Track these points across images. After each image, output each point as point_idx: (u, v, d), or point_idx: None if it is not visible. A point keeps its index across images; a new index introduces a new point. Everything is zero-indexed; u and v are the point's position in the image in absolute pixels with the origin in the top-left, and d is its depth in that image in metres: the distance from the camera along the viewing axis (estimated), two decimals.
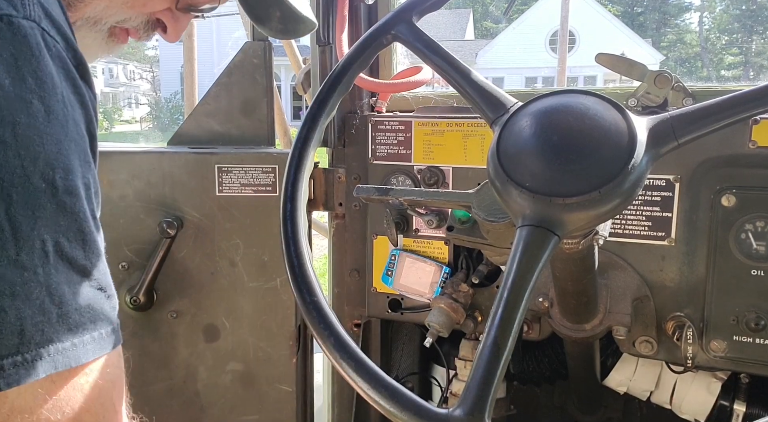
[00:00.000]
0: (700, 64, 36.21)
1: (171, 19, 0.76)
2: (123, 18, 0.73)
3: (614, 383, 1.19)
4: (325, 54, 1.28)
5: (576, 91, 0.62)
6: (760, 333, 0.97)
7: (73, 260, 0.49)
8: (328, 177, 1.31)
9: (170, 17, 0.76)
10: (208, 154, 1.26)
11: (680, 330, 1.00)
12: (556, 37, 21.54)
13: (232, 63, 1.29)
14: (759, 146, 0.97)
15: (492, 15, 39.96)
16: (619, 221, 1.05)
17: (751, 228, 0.97)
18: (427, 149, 1.21)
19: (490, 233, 0.79)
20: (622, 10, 36.47)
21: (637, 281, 1.05)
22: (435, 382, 1.36)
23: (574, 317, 1.04)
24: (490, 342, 0.52)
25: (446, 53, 0.71)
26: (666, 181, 1.02)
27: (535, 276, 0.54)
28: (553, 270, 0.88)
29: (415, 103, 1.33)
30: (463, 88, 0.69)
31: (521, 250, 0.55)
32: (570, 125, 0.58)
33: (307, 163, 0.70)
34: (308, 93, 1.41)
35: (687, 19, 38.55)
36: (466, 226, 0.85)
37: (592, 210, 0.55)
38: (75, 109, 0.50)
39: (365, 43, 0.74)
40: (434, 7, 0.75)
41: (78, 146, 0.50)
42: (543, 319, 1.11)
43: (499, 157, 0.59)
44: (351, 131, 1.27)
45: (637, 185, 0.56)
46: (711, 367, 1.05)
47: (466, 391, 0.51)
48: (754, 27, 35.26)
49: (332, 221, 1.33)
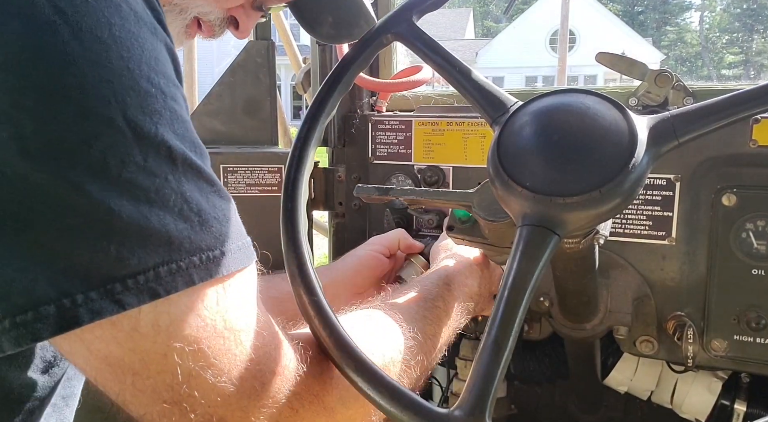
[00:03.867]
0: (700, 63, 36.21)
1: (244, 15, 0.77)
2: (206, 11, 0.73)
3: (615, 382, 1.19)
4: (325, 53, 1.28)
5: (576, 90, 0.62)
6: (760, 332, 0.97)
7: (199, 169, 0.47)
8: (328, 176, 1.31)
9: (243, 14, 0.77)
10: (213, 153, 1.25)
11: (681, 330, 1.00)
12: (556, 37, 21.53)
13: (236, 62, 1.29)
14: (759, 145, 0.97)
15: (492, 14, 39.98)
16: (620, 220, 1.05)
17: (752, 227, 0.97)
18: (427, 149, 1.21)
19: (490, 232, 0.79)
20: (622, 9, 36.47)
21: (638, 280, 1.05)
22: (435, 382, 1.36)
23: (574, 316, 1.04)
24: (490, 341, 0.52)
25: (446, 53, 0.71)
26: (666, 180, 1.02)
27: (536, 276, 0.54)
28: (554, 270, 0.88)
29: (415, 103, 1.33)
30: (464, 87, 0.69)
31: (522, 250, 0.55)
32: (570, 124, 0.58)
33: (307, 162, 0.70)
34: (308, 92, 1.41)
35: (687, 18, 38.56)
36: (466, 226, 0.85)
37: (592, 209, 0.55)
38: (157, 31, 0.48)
39: (365, 42, 0.74)
40: (434, 7, 0.74)
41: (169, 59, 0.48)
42: (543, 319, 1.11)
43: (500, 156, 0.59)
44: (351, 131, 1.27)
45: (637, 184, 0.56)
46: (712, 367, 1.05)
47: (466, 391, 0.51)
48: (755, 26, 35.26)
49: (332, 220, 1.33)
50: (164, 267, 0.43)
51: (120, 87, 0.42)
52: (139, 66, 0.43)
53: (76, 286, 0.41)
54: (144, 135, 0.43)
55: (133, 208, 0.42)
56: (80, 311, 0.41)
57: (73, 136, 0.41)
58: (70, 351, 0.45)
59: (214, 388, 0.47)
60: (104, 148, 0.41)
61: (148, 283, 0.43)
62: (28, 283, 0.41)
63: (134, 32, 0.44)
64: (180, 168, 0.45)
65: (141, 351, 0.44)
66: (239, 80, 1.29)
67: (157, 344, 0.44)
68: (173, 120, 0.45)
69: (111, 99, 0.42)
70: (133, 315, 0.43)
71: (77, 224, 0.41)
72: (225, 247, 0.47)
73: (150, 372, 0.45)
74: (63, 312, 0.41)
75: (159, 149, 0.44)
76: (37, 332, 0.41)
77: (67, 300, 0.41)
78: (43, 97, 0.40)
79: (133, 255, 0.42)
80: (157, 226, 0.43)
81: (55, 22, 0.40)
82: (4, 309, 0.41)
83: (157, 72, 0.45)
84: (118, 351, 0.44)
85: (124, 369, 0.45)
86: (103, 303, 0.42)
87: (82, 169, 0.41)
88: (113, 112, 0.42)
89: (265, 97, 1.29)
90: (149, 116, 0.44)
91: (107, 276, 0.42)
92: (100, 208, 0.41)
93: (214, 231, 0.47)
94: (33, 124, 0.40)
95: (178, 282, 0.44)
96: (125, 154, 0.42)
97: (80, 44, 0.41)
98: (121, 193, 0.42)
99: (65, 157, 0.40)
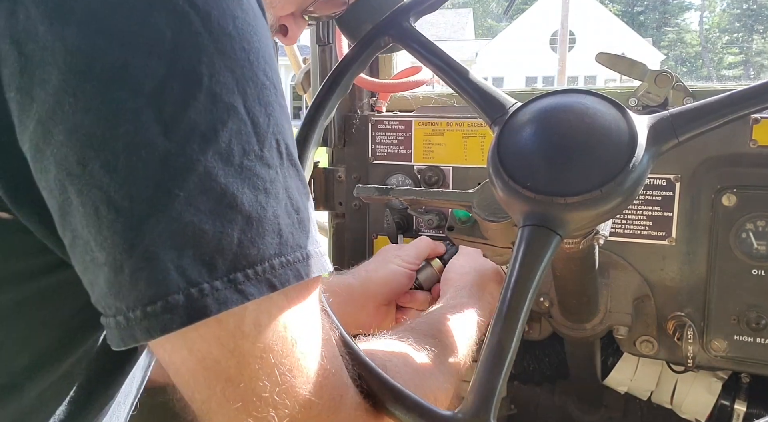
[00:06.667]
0: (700, 63, 36.22)
1: (293, 23, 0.78)
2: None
3: (615, 383, 1.19)
4: (324, 54, 1.28)
5: (576, 90, 0.62)
6: (760, 332, 0.97)
7: (298, 167, 0.48)
8: (328, 176, 1.31)
9: (293, 22, 0.78)
10: None
11: (681, 330, 1.00)
12: (556, 37, 21.53)
13: None
14: (760, 145, 0.97)
15: (492, 13, 39.97)
16: (620, 221, 1.05)
17: (752, 227, 0.97)
18: (427, 149, 1.21)
19: (490, 233, 0.79)
20: (622, 9, 36.49)
21: (638, 280, 1.05)
22: None
23: (574, 316, 1.04)
24: (494, 343, 0.52)
25: (444, 54, 0.71)
26: (666, 180, 1.02)
27: (538, 276, 0.54)
28: (554, 270, 0.88)
29: (415, 103, 1.33)
30: (462, 88, 0.69)
31: (523, 250, 0.55)
32: (570, 124, 0.58)
33: (307, 162, 0.70)
34: (308, 93, 1.41)
35: (687, 19, 38.58)
36: (466, 226, 0.85)
37: (593, 209, 0.55)
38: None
39: (363, 44, 0.74)
40: (431, 9, 0.75)
41: (274, 56, 0.49)
42: (543, 319, 1.11)
43: (500, 156, 0.59)
44: (351, 131, 1.27)
45: (638, 184, 0.56)
46: (712, 367, 1.05)
47: (470, 393, 0.51)
48: (755, 26, 35.28)
49: (332, 220, 1.33)
50: (277, 259, 0.43)
51: (241, 77, 0.43)
52: (257, 58, 0.44)
53: (203, 275, 0.41)
54: (260, 125, 0.44)
55: (252, 197, 0.43)
56: (208, 301, 0.41)
57: (205, 122, 0.41)
58: (170, 350, 0.44)
59: (299, 397, 0.46)
60: (230, 135, 0.42)
61: (266, 274, 0.43)
62: (155, 272, 0.40)
63: (253, 26, 0.45)
64: (285, 163, 0.46)
65: (239, 354, 0.43)
66: None
67: (256, 346, 0.44)
68: (282, 114, 0.46)
69: (234, 88, 0.43)
70: (240, 314, 0.43)
71: (208, 209, 0.41)
72: (316, 248, 0.47)
73: (243, 378, 0.44)
74: (192, 302, 0.40)
75: (271, 142, 0.45)
76: (167, 323, 0.40)
77: (194, 289, 0.40)
78: (184, 84, 0.41)
79: (253, 245, 0.42)
80: (272, 217, 0.43)
81: (189, 13, 0.41)
82: (135, 298, 0.40)
83: (271, 66, 0.46)
84: (218, 353, 0.43)
85: (219, 375, 0.44)
86: (228, 293, 0.41)
87: (213, 153, 0.41)
88: (236, 100, 0.43)
89: None
90: (264, 107, 0.44)
91: (231, 265, 0.41)
92: (227, 194, 0.41)
93: (308, 231, 0.47)
94: (173, 108, 0.40)
95: (290, 276, 0.44)
96: (246, 142, 0.43)
97: (210, 35, 0.42)
98: (243, 181, 0.42)
99: (198, 142, 0.41)
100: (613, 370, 1.18)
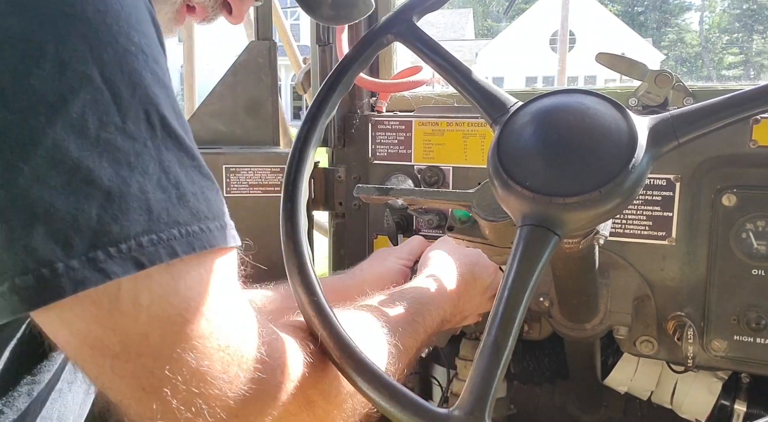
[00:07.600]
0: (700, 63, 36.22)
1: (237, 0, 0.75)
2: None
3: (615, 383, 1.19)
4: (325, 54, 1.28)
5: (576, 90, 0.62)
6: (760, 332, 0.97)
7: (180, 139, 0.45)
8: (328, 176, 1.31)
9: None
10: (215, 154, 1.25)
11: (681, 330, 1.00)
12: (556, 37, 21.53)
13: (237, 62, 1.29)
14: (760, 145, 0.97)
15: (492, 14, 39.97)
16: (620, 221, 1.05)
17: (752, 227, 0.97)
18: (427, 149, 1.21)
19: (490, 232, 0.79)
20: (622, 10, 36.49)
21: (638, 280, 1.05)
22: (435, 382, 1.36)
23: (574, 316, 1.04)
24: (490, 341, 0.52)
25: (446, 53, 0.71)
26: (666, 180, 1.02)
27: (536, 276, 0.54)
28: (554, 270, 0.88)
29: (415, 103, 1.33)
30: (464, 87, 0.69)
31: (522, 250, 0.55)
32: (570, 124, 0.58)
33: (307, 162, 0.70)
34: (308, 93, 1.41)
35: (687, 19, 38.58)
36: (466, 226, 0.85)
37: (592, 209, 0.55)
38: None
39: (365, 42, 0.74)
40: (434, 7, 0.74)
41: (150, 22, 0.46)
42: (543, 319, 1.11)
43: (500, 156, 0.59)
44: (351, 131, 1.27)
45: (637, 184, 0.56)
46: (712, 367, 1.05)
47: (466, 391, 0.51)
48: (755, 26, 35.27)
49: (332, 220, 1.33)
50: (146, 237, 0.41)
51: (96, 42, 0.40)
52: (116, 21, 0.41)
53: (57, 254, 0.38)
54: (121, 95, 0.41)
55: (113, 172, 0.40)
56: (62, 281, 0.38)
57: (52, 91, 0.39)
58: (51, 330, 0.43)
59: (196, 372, 0.45)
60: (83, 105, 0.39)
61: (131, 252, 0.40)
62: (2, 251, 0.38)
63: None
64: (159, 135, 0.43)
65: (121, 332, 0.42)
66: (241, 80, 1.28)
67: (138, 324, 0.42)
68: (154, 83, 0.43)
69: (87, 55, 0.40)
70: (113, 292, 0.41)
71: (58, 184, 0.38)
72: (203, 224, 0.45)
73: (130, 356, 0.43)
74: (43, 283, 0.38)
75: (137, 113, 0.42)
76: (15, 305, 0.38)
77: (46, 269, 0.38)
78: (18, 50, 0.38)
79: (116, 222, 0.40)
80: (137, 193, 0.41)
81: None
82: None
83: (139, 30, 0.42)
84: (98, 331, 0.41)
85: (104, 352, 0.42)
86: (86, 272, 0.39)
87: (63, 125, 0.39)
88: (89, 68, 0.40)
89: (266, 98, 1.29)
90: (128, 76, 0.41)
91: (89, 243, 0.39)
92: (81, 168, 0.39)
93: (191, 207, 0.44)
94: (11, 77, 0.38)
95: (161, 254, 0.41)
96: (104, 113, 0.40)
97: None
98: (100, 154, 0.40)
99: (45, 112, 0.38)
100: (613, 370, 1.18)
